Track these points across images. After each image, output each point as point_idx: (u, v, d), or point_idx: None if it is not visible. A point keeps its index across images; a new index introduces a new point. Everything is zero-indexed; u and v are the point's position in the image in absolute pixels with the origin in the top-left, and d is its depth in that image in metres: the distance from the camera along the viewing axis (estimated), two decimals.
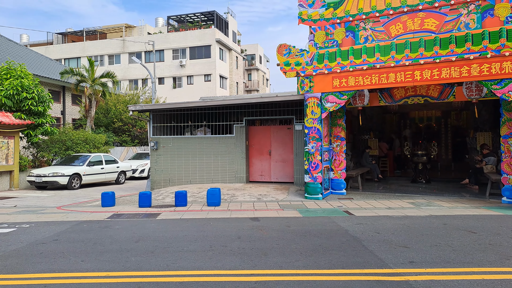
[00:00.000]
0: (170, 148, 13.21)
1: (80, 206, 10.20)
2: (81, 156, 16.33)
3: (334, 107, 9.82)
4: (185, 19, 41.48)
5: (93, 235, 6.65)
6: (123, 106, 24.47)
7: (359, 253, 5.26)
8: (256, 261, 4.97)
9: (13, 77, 15.29)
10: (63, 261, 5.15)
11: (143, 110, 13.41)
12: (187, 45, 36.75)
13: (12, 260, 5.20)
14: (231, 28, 40.98)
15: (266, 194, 10.62)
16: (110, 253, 5.49)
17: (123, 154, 23.14)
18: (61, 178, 14.55)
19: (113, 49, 38.91)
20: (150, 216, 8.36)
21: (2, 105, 15.06)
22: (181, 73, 36.97)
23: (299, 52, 10.11)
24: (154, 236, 6.47)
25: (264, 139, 12.90)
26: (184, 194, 9.57)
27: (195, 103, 12.73)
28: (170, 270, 4.71)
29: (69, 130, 19.34)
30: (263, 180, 12.92)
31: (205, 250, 5.53)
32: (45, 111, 16.28)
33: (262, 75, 51.46)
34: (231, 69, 39.39)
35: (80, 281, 4.39)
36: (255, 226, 7.09)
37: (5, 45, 22.64)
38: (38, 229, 7.15)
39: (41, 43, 45.38)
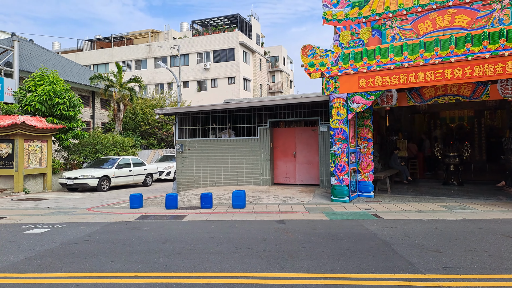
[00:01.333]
0: (195, 150, 13.35)
1: (109, 207, 10.46)
2: (110, 159, 16.77)
3: (360, 107, 9.62)
4: (209, 23, 41.99)
5: (122, 236, 6.78)
6: (149, 110, 25.00)
7: (388, 257, 5.11)
8: (283, 264, 4.92)
9: (46, 83, 15.90)
10: (94, 261, 5.27)
11: (169, 113, 13.63)
12: (211, 48, 37.15)
13: (47, 260, 5.38)
14: (255, 30, 41.11)
15: (291, 197, 10.53)
16: (138, 254, 5.58)
17: (150, 156, 23.62)
18: (91, 180, 14.99)
19: (140, 54, 39.87)
20: (176, 218, 8.45)
21: (36, 110, 15.69)
22: (206, 77, 37.41)
23: (323, 52, 9.99)
24: (181, 238, 6.53)
25: (288, 141, 12.82)
26: (210, 196, 9.63)
27: (219, 105, 12.82)
28: (197, 271, 4.74)
29: (99, 133, 19.92)
30: (288, 182, 12.84)
31: (231, 252, 5.53)
32: (75, 116, 16.83)
33: (285, 76, 51.30)
34: (254, 71, 39.49)
35: (110, 281, 4.48)
36: (280, 229, 7.04)
37: (39, 52, 23.63)
38: (70, 230, 7.38)
39: (71, 50, 47.13)
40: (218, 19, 41.10)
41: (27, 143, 14.54)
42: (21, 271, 4.89)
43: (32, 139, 14.73)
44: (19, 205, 11.36)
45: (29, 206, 11.03)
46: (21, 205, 11.37)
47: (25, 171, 14.37)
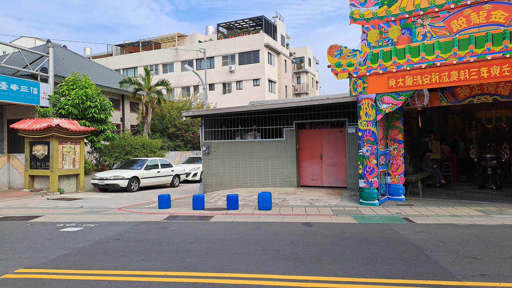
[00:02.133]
0: (221, 152, 13.45)
1: (139, 207, 10.70)
2: (139, 160, 17.18)
3: (390, 108, 9.38)
4: (234, 26, 42.32)
5: (152, 236, 6.92)
6: (176, 112, 25.44)
7: (421, 262, 4.94)
8: (310, 267, 4.86)
9: (78, 87, 16.49)
10: (125, 259, 5.40)
11: (195, 115, 13.81)
12: (236, 51, 37.41)
13: (81, 257, 5.56)
14: (280, 31, 41.04)
15: (318, 199, 10.40)
16: (167, 253, 5.67)
17: (177, 158, 24.02)
18: (121, 181, 15.41)
19: (167, 58, 40.69)
20: (203, 219, 8.53)
21: (69, 113, 16.29)
22: (231, 79, 37.69)
23: (351, 52, 9.82)
24: (208, 238, 6.58)
25: (315, 142, 12.68)
26: (236, 198, 9.66)
27: (244, 107, 12.86)
28: (225, 272, 4.77)
29: (128, 136, 20.44)
30: (315, 184, 12.69)
31: (258, 254, 5.52)
32: (106, 118, 17.35)
33: (311, 77, 50.88)
34: (279, 73, 39.41)
35: (140, 279, 4.57)
36: (307, 231, 6.96)
37: (71, 58, 24.56)
38: (102, 229, 7.59)
39: (102, 55, 48.76)
40: (243, 22, 41.36)
41: (61, 145, 15.13)
42: (58, 267, 5.08)
43: (66, 141, 15.30)
44: (54, 204, 11.82)
45: (64, 206, 11.46)
46: (56, 204, 11.82)
47: (60, 172, 14.94)
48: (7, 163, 15.43)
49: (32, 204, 11.81)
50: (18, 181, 15.35)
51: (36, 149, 14.91)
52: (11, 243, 6.43)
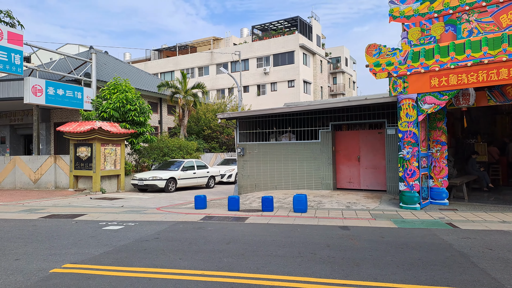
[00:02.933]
0: (255, 154, 13.48)
1: (176, 207, 10.95)
2: (176, 161, 17.60)
3: (432, 108, 8.99)
4: (268, 27, 42.39)
5: (189, 235, 7.04)
6: (211, 115, 25.85)
7: (467, 270, 4.68)
8: (348, 271, 4.77)
9: (119, 91, 17.16)
10: (164, 258, 5.53)
11: (230, 117, 13.94)
12: (270, 52, 37.44)
13: (122, 254, 5.76)
14: (315, 32, 40.60)
15: (356, 202, 10.15)
16: (204, 253, 5.75)
17: (212, 160, 24.38)
18: (159, 181, 15.85)
19: (202, 61, 41.49)
20: (238, 220, 8.58)
21: (111, 116, 16.99)
22: (265, 81, 37.76)
23: (390, 51, 9.52)
24: (244, 239, 6.61)
25: (352, 144, 12.40)
26: (270, 200, 9.64)
27: (279, 109, 12.82)
28: (260, 273, 4.77)
29: (166, 138, 21.01)
30: (352, 187, 12.40)
31: (294, 256, 5.48)
32: (145, 121, 17.93)
33: (348, 78, 49.86)
34: (315, 74, 38.97)
35: (179, 277, 4.67)
36: (344, 235, 6.83)
37: (112, 63, 25.66)
38: (142, 228, 7.83)
39: (141, 59, 50.55)
40: (277, 23, 41.32)
41: (103, 147, 15.80)
42: (101, 263, 5.29)
43: (108, 143, 15.97)
44: (97, 203, 12.35)
45: (106, 205, 11.95)
46: (99, 203, 12.35)
47: (102, 173, 15.61)
48: (54, 164, 16.34)
49: (76, 203, 12.42)
50: (63, 181, 16.21)
51: (80, 150, 15.67)
52: (59, 240, 6.78)
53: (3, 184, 16.96)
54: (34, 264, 5.25)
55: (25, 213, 10.14)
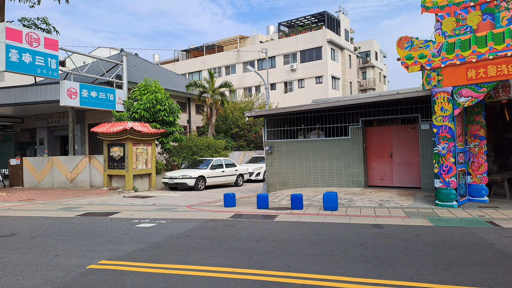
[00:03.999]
0: (284, 151, 13.40)
1: (205, 205, 11.07)
2: (205, 160, 17.82)
3: (469, 102, 8.58)
4: (295, 24, 42.01)
5: (219, 233, 7.10)
6: (239, 113, 25.96)
7: (511, 271, 4.42)
8: (382, 270, 4.66)
9: (149, 92, 17.56)
10: (195, 255, 5.60)
11: (257, 115, 13.93)
12: (297, 49, 37.09)
13: (155, 251, 5.88)
14: (343, 26, 39.80)
15: (389, 200, 9.87)
16: (234, 251, 5.78)
17: (240, 158, 24.51)
18: (189, 180, 16.10)
19: (229, 60, 41.75)
20: (268, 218, 8.56)
21: (141, 117, 17.41)
22: (292, 77, 37.48)
23: (423, 43, 9.17)
24: (273, 237, 6.59)
25: (383, 140, 12.07)
26: (300, 198, 9.55)
27: (307, 106, 12.66)
28: (291, 271, 4.74)
29: (194, 137, 21.32)
30: (384, 184, 12.09)
31: (325, 255, 5.41)
32: (175, 121, 18.26)
33: (378, 72, 48.51)
34: (343, 69, 38.26)
35: (210, 274, 4.71)
36: (377, 233, 6.67)
37: (142, 65, 26.31)
38: (173, 225, 7.97)
39: (169, 60, 51.55)
40: (304, 19, 40.85)
41: (135, 147, 16.23)
42: (135, 260, 5.42)
43: (139, 142, 16.39)
44: (130, 201, 12.70)
45: (138, 203, 12.26)
46: (131, 201, 12.70)
47: (134, 172, 16.04)
48: (89, 164, 16.96)
49: (110, 201, 12.82)
50: (98, 180, 16.79)
51: (113, 150, 16.17)
52: (94, 237, 7.02)
53: (42, 183, 17.79)
54: (72, 260, 5.46)
55: (63, 211, 10.58)
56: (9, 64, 13.94)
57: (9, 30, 13.97)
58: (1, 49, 13.77)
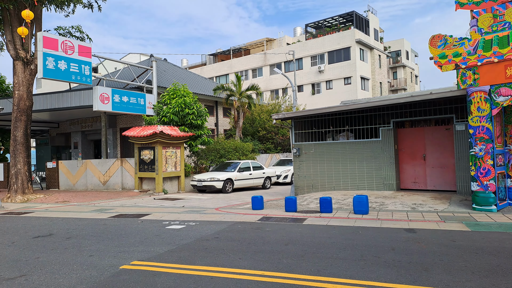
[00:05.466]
0: (312, 154, 13.25)
1: (233, 208, 11.12)
2: (232, 163, 17.92)
3: (508, 101, 8.15)
4: (322, 25, 41.58)
5: (247, 236, 7.10)
6: (266, 116, 25.97)
7: None
8: (416, 276, 4.53)
9: (178, 96, 17.90)
10: (224, 257, 5.62)
11: (285, 118, 13.86)
12: (325, 50, 36.67)
13: (185, 253, 5.95)
14: (372, 26, 38.96)
15: (422, 204, 9.53)
16: (263, 254, 5.75)
17: (267, 160, 24.48)
18: (217, 182, 16.25)
19: (256, 63, 41.91)
20: (296, 221, 8.48)
21: (171, 120, 17.76)
22: (320, 79, 37.09)
23: (457, 41, 8.81)
24: (302, 241, 6.52)
25: (416, 142, 11.69)
26: (329, 201, 9.40)
27: (336, 107, 12.46)
28: (321, 275, 4.68)
29: (222, 140, 21.50)
30: (417, 188, 11.69)
31: (356, 259, 5.30)
32: (202, 124, 18.50)
33: (409, 72, 47.10)
34: (373, 69, 37.44)
35: (239, 277, 4.71)
36: (411, 238, 6.45)
37: (171, 69, 26.88)
38: (202, 227, 8.05)
39: (197, 65, 52.38)
40: (332, 19, 40.35)
41: (165, 150, 16.57)
42: (165, 261, 5.51)
43: (168, 146, 16.72)
44: (160, 203, 12.96)
45: (168, 205, 12.49)
46: (161, 203, 12.95)
47: (163, 174, 16.38)
48: (121, 167, 17.47)
49: (141, 203, 13.13)
50: (129, 183, 17.26)
51: (144, 153, 16.58)
52: (126, 238, 7.19)
53: (77, 185, 18.49)
54: (106, 260, 5.61)
55: (96, 212, 10.94)
56: (46, 71, 14.61)
57: (46, 39, 14.66)
58: (39, 57, 14.47)
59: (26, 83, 15.40)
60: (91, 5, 16.93)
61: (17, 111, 15.20)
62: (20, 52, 15.08)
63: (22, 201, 14.44)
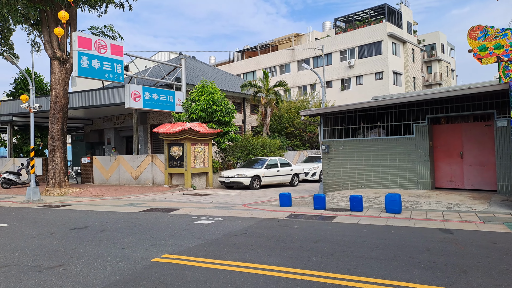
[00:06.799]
0: (341, 151, 13.00)
1: (261, 204, 11.09)
2: (260, 159, 17.90)
3: None
4: (353, 18, 40.61)
5: (275, 232, 7.05)
6: (294, 112, 25.76)
7: None
8: (453, 279, 4.34)
9: (206, 93, 18.04)
10: (252, 253, 5.60)
11: (313, 114, 13.66)
12: (355, 44, 35.83)
13: (213, 248, 5.99)
14: (405, 18, 37.59)
15: (459, 203, 9.12)
16: (291, 251, 5.69)
17: (295, 157, 24.30)
18: (244, 179, 16.28)
19: (284, 59, 41.62)
20: (325, 219, 8.34)
21: (199, 117, 17.94)
22: (350, 74, 36.32)
23: (499, 32, 8.33)
24: (332, 239, 6.40)
25: (452, 139, 11.19)
26: (360, 199, 9.18)
27: (367, 103, 12.14)
28: (352, 274, 4.59)
29: (249, 136, 21.53)
30: (453, 186, 11.21)
31: (389, 259, 5.15)
32: (230, 121, 18.57)
33: (445, 66, 45.14)
34: (406, 64, 36.20)
35: (268, 273, 4.67)
36: (447, 239, 6.20)
37: (199, 67, 27.15)
38: (230, 223, 8.08)
39: (224, 62, 52.71)
40: (362, 13, 39.33)
41: (193, 146, 16.78)
42: (195, 255, 5.56)
43: (197, 142, 16.92)
44: (189, 199, 13.14)
45: (196, 200, 12.64)
46: (190, 199, 13.13)
47: (192, 170, 16.59)
48: (151, 163, 17.86)
49: (171, 198, 13.37)
50: (159, 178, 17.62)
51: (173, 150, 16.87)
52: (157, 232, 7.32)
53: (110, 180, 19.09)
54: (138, 253, 5.73)
55: (128, 206, 11.24)
56: (81, 70, 15.12)
57: (81, 38, 15.17)
58: (74, 57, 15.00)
59: (62, 81, 16.01)
60: (123, 4, 17.35)
61: (54, 109, 15.84)
62: (56, 52, 15.69)
63: (59, 194, 15.07)
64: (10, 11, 14.04)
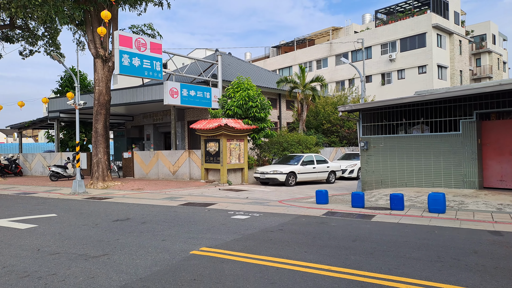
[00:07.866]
0: (381, 148, 12.58)
1: (297, 201, 11.00)
2: (295, 156, 17.75)
3: None
4: (394, 10, 39.04)
5: (312, 229, 6.95)
6: (331, 108, 25.27)
7: None
8: (504, 283, 4.11)
9: (241, 89, 18.11)
10: (289, 249, 5.56)
11: (352, 110, 13.30)
12: (397, 37, 34.43)
13: (250, 243, 6.00)
14: (452, 8, 35.56)
15: (510, 204, 8.54)
16: (329, 248, 5.59)
17: (332, 154, 23.88)
18: (279, 175, 16.22)
19: (321, 53, 40.90)
20: (364, 217, 8.12)
21: (234, 113, 18.06)
22: (390, 68, 35.02)
23: None
24: (371, 238, 6.23)
25: (504, 136, 10.48)
26: (401, 197, 8.85)
27: (409, 98, 11.62)
28: (393, 275, 4.45)
29: (285, 133, 21.39)
30: (504, 186, 10.52)
31: (432, 261, 4.94)
32: (266, 117, 18.54)
33: (496, 58, 42.23)
34: (452, 56, 34.30)
35: (305, 270, 4.62)
36: (496, 241, 5.84)
37: (235, 63, 27.31)
38: (266, 219, 8.07)
39: (260, 58, 52.69)
40: (405, 4, 37.61)
41: (229, 142, 16.93)
42: (232, 249, 5.60)
43: (232, 138, 17.06)
44: (225, 194, 13.29)
45: (232, 196, 12.76)
46: (226, 194, 13.27)
47: (228, 166, 16.76)
48: (188, 158, 18.24)
49: (207, 193, 13.59)
50: (196, 173, 17.97)
51: (209, 145, 17.12)
52: (195, 225, 7.46)
53: (149, 174, 19.73)
54: (177, 245, 5.87)
55: (167, 200, 11.55)
56: (122, 67, 15.69)
57: (122, 37, 15.72)
58: (116, 55, 15.58)
59: (105, 79, 16.70)
60: (161, 2, 17.76)
61: (98, 105, 16.57)
62: (99, 51, 16.37)
63: (102, 187, 15.79)
64: (57, 12, 14.77)
